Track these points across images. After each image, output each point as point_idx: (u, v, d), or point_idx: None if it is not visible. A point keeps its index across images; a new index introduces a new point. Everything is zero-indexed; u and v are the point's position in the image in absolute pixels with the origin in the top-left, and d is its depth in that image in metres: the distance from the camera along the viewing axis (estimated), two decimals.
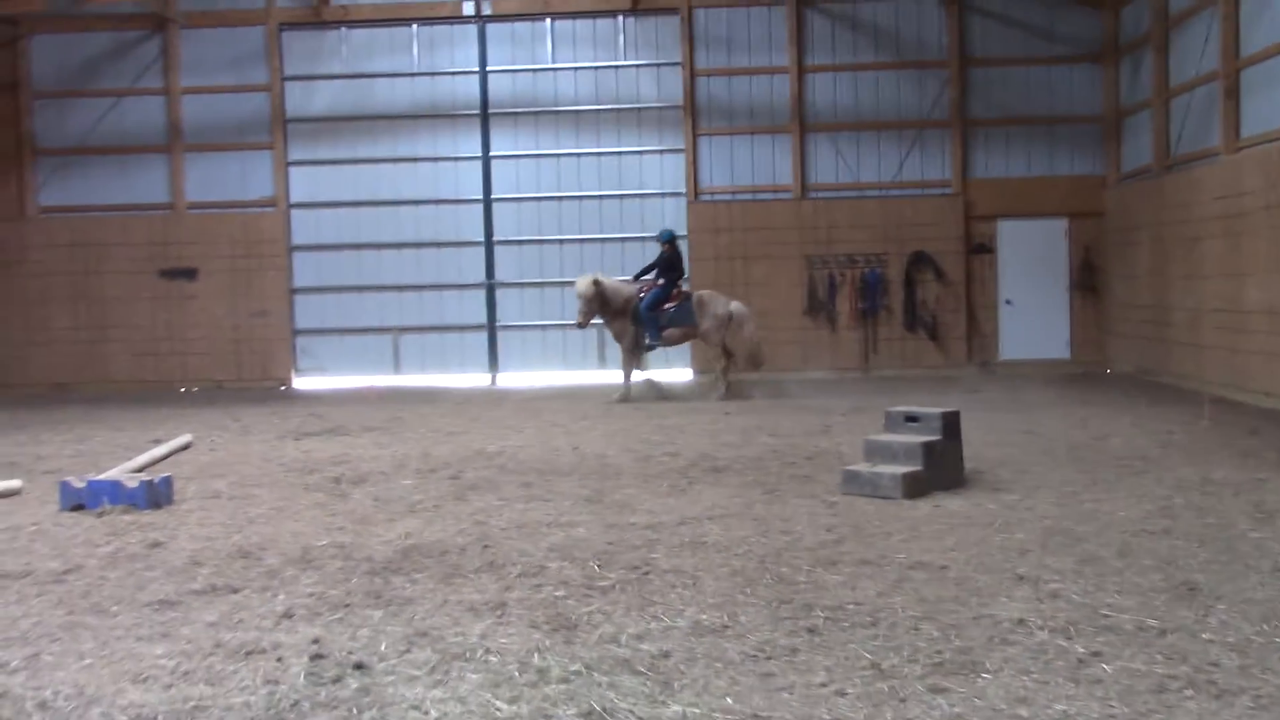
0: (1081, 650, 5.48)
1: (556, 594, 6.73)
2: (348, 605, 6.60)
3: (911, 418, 10.11)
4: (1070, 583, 6.68)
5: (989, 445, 11.93)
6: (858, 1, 21.24)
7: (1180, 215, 17.59)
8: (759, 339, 18.22)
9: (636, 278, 18.09)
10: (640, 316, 17.56)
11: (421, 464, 11.85)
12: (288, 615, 6.43)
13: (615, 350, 18.61)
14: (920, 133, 21.26)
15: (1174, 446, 11.84)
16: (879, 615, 6.12)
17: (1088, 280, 21.17)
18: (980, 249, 21.23)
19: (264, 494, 10.32)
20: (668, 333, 17.72)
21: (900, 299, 21.14)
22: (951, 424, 10.02)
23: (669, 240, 17.95)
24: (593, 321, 17.96)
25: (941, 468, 9.80)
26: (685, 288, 18.11)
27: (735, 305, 18.01)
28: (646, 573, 7.15)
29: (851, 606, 6.30)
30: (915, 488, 9.45)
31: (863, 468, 9.75)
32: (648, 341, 17.78)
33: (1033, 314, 21.32)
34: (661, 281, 17.70)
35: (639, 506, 9.36)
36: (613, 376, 19.06)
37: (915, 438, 9.85)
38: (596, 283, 17.44)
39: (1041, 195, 21.15)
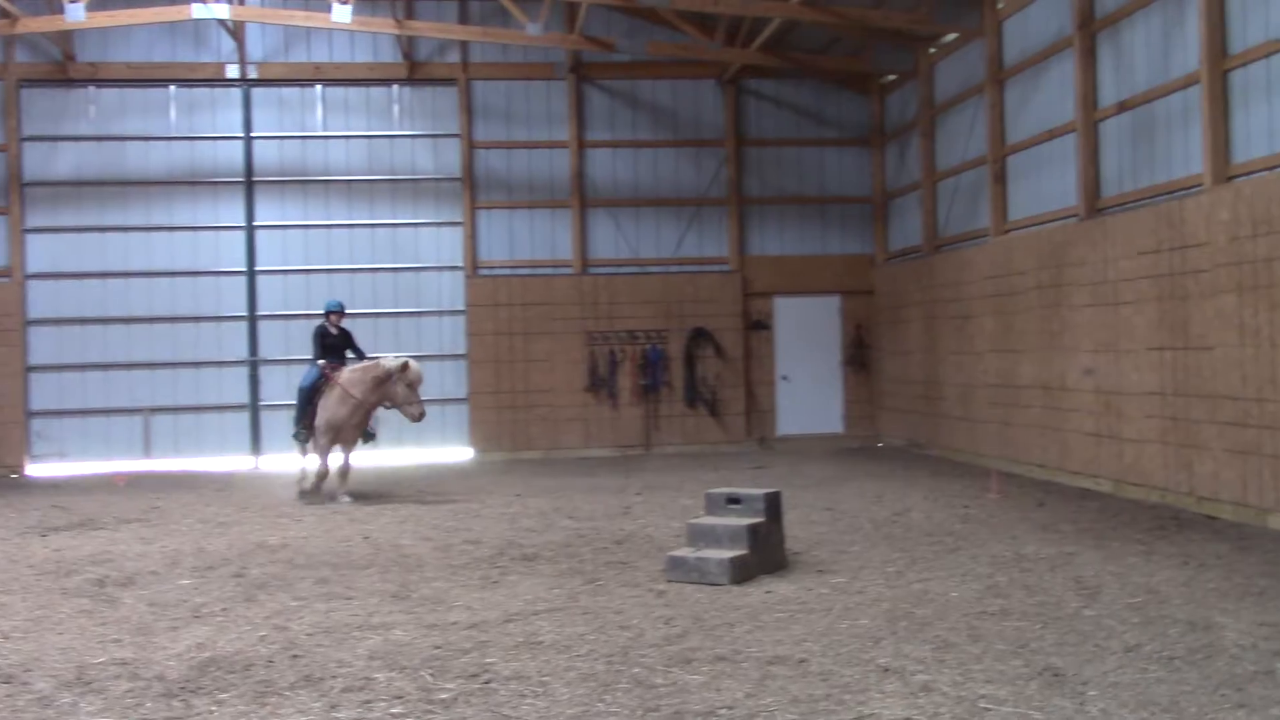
0: None
1: (393, 711, 5.98)
2: None
3: (734, 499, 9.79)
4: (935, 673, 6.42)
5: (796, 524, 11.77)
6: (636, 79, 21.30)
7: (950, 294, 18.22)
8: None
9: (329, 359, 15.28)
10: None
11: (197, 560, 10.72)
12: None
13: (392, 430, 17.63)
14: (698, 210, 21.39)
15: (974, 521, 11.99)
16: None
17: (859, 356, 21.69)
18: (758, 325, 21.46)
19: (15, 602, 9.03)
20: None
21: (681, 375, 21.07)
22: (774, 505, 9.76)
23: (340, 311, 15.57)
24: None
25: (765, 551, 9.52)
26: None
27: None
28: (488, 680, 6.48)
29: (724, 711, 5.82)
30: (743, 572, 9.12)
31: (687, 553, 9.34)
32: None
33: (808, 389, 21.65)
34: (353, 358, 15.45)
35: (454, 602, 8.64)
36: (387, 457, 18.13)
37: (739, 520, 9.53)
38: None
39: (815, 273, 21.60)
